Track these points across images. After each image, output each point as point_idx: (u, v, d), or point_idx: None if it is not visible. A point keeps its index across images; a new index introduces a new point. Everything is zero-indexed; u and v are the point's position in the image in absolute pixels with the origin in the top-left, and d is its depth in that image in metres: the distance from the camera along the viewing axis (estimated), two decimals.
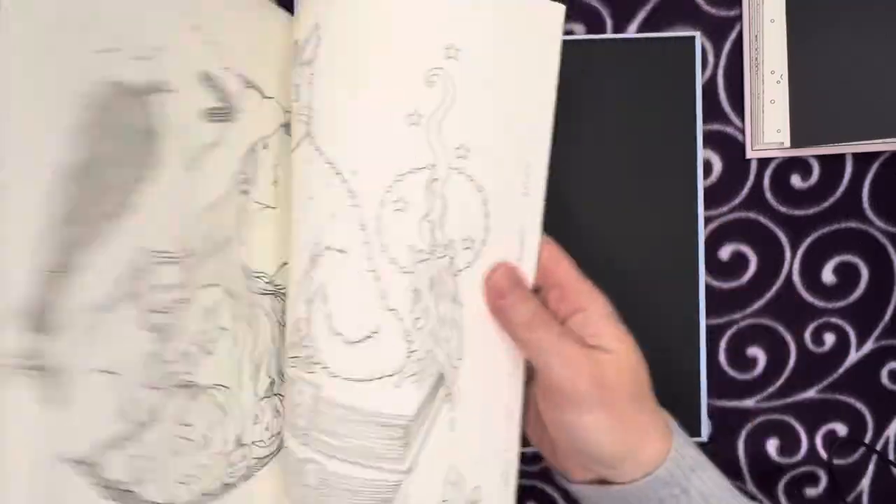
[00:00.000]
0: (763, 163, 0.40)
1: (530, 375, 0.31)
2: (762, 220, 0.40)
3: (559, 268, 0.30)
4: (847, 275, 0.41)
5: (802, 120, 0.38)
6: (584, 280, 0.30)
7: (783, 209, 0.40)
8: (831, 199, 0.40)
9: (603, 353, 0.28)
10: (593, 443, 0.28)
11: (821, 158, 0.40)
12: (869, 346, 0.41)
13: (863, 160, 0.40)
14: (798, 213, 0.40)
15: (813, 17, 0.38)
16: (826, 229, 0.41)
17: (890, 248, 0.41)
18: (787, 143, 0.39)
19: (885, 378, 0.41)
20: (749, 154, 0.40)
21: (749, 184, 0.40)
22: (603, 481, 0.30)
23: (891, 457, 0.41)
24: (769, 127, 0.39)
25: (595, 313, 0.29)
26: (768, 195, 0.40)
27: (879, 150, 0.40)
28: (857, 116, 0.38)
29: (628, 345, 0.29)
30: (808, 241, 0.41)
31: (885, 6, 0.37)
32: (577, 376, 0.27)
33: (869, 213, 0.40)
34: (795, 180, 0.40)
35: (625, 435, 0.28)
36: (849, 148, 0.39)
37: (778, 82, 0.38)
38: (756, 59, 0.39)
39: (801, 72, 0.38)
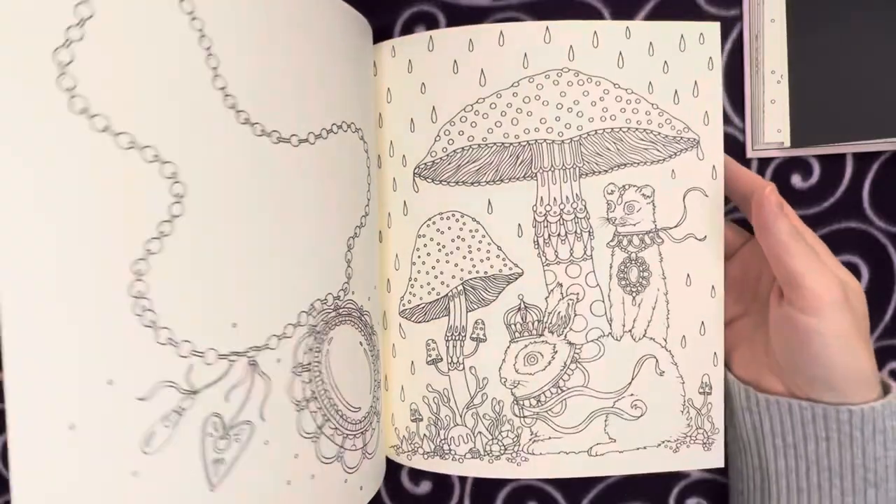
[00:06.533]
0: (763, 163, 0.40)
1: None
2: None
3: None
4: None
5: (802, 120, 0.38)
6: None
7: None
8: (831, 199, 0.40)
9: (846, 278, 0.33)
10: (834, 354, 0.31)
11: (821, 158, 0.40)
12: None
13: (863, 160, 0.40)
14: (798, 213, 0.40)
15: (813, 17, 0.38)
16: (826, 229, 0.40)
17: (890, 248, 0.41)
18: (787, 143, 0.39)
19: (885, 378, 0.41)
20: (749, 154, 0.40)
21: None
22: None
23: None
24: (769, 127, 0.39)
25: (824, 253, 0.34)
26: None
27: (879, 150, 0.40)
28: (857, 116, 0.38)
29: (857, 284, 0.33)
30: None
31: (885, 7, 0.37)
32: (832, 286, 0.31)
33: (869, 213, 0.40)
34: (796, 180, 0.40)
35: (866, 355, 0.32)
36: (849, 148, 0.39)
37: (778, 82, 0.38)
38: (756, 59, 0.39)
39: (801, 72, 0.38)
